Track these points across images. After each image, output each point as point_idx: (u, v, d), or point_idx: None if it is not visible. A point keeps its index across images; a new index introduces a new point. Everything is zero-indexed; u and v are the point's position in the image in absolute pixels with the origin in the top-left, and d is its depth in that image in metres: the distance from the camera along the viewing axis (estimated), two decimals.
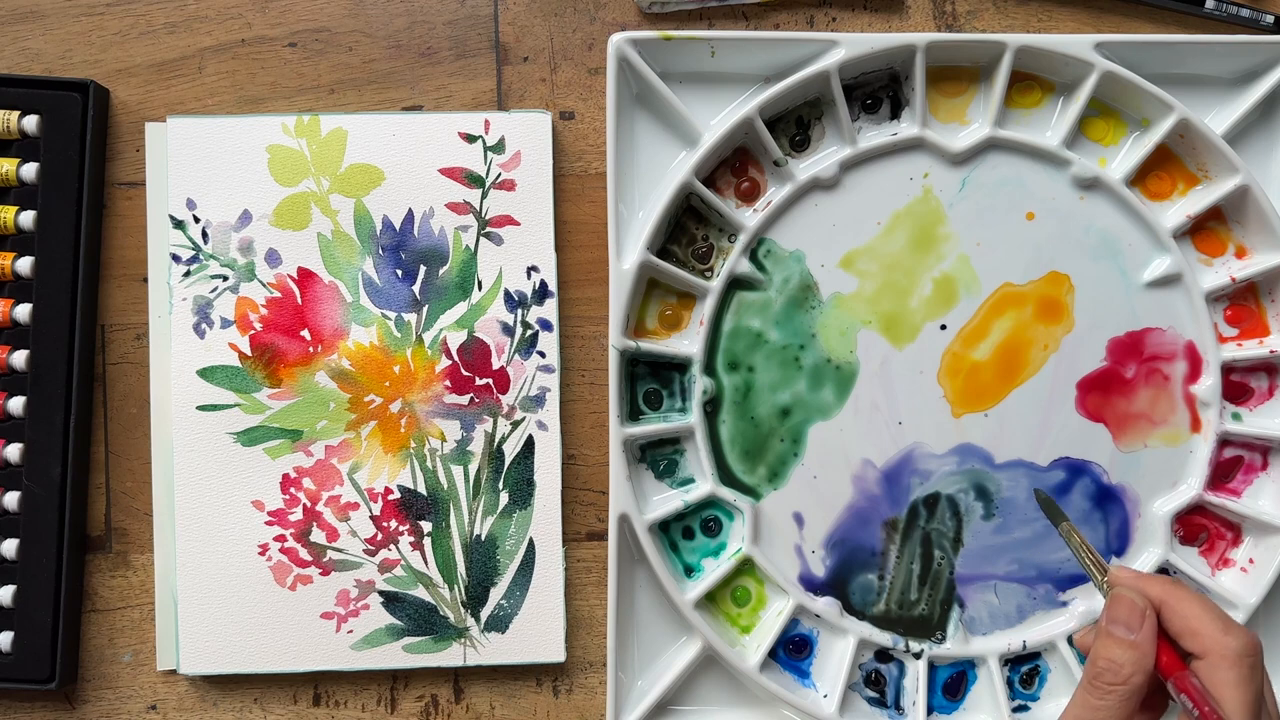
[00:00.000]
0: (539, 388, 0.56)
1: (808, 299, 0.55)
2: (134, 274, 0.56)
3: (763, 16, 0.57)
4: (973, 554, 0.56)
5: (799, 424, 0.55)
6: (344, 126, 0.55)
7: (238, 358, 0.55)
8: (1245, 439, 0.56)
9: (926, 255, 0.56)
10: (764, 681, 0.54)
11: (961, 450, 0.56)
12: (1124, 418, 0.56)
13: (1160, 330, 0.56)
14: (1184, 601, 0.42)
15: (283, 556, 0.55)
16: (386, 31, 0.57)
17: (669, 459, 0.56)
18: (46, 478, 0.54)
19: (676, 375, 0.55)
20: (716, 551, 0.55)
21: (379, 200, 0.55)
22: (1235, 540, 0.57)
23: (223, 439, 0.55)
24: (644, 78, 0.54)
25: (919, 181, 0.56)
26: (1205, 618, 0.41)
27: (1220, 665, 0.40)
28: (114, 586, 0.56)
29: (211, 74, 0.56)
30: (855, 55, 0.54)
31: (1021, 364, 0.56)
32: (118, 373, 0.56)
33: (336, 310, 0.55)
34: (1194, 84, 0.56)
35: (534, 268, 0.56)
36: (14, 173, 0.54)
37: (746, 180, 0.56)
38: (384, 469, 0.55)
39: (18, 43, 0.56)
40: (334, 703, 0.56)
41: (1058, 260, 0.56)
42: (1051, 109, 0.56)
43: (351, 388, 0.55)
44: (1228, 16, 0.57)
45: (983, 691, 0.56)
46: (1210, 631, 0.40)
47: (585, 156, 0.57)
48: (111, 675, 0.56)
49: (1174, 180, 0.57)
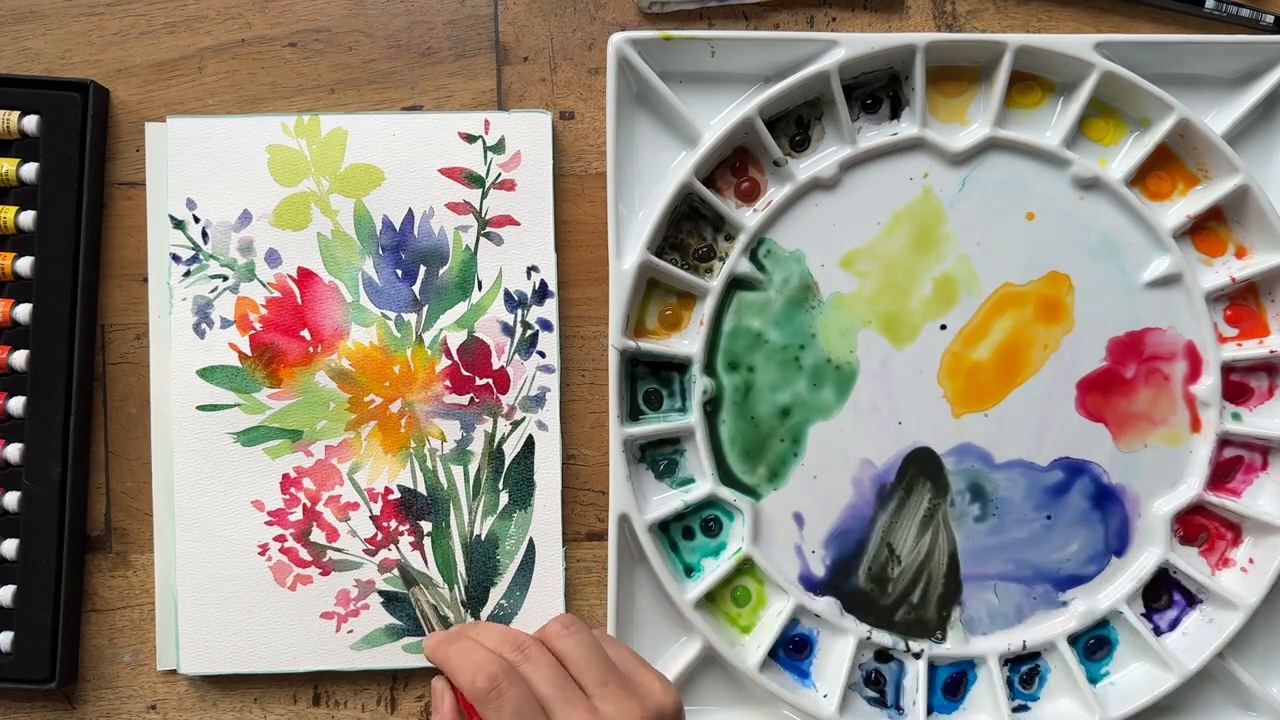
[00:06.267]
0: (539, 388, 0.56)
1: (808, 299, 0.55)
2: (134, 274, 0.56)
3: (763, 16, 0.57)
4: (971, 553, 0.56)
5: (799, 424, 0.55)
6: (344, 126, 0.55)
7: (238, 358, 0.55)
8: (1245, 439, 0.56)
9: (926, 255, 0.56)
10: (764, 681, 0.54)
11: (961, 450, 0.56)
12: (1124, 418, 0.56)
13: (1160, 330, 0.56)
14: (450, 660, 0.45)
15: (283, 556, 0.55)
16: (386, 31, 0.57)
17: (669, 459, 0.56)
18: (46, 478, 0.54)
19: (676, 375, 0.55)
20: (716, 551, 0.56)
21: (379, 200, 0.55)
22: (1235, 540, 0.57)
23: (223, 439, 0.55)
24: (644, 78, 0.54)
25: (919, 181, 0.56)
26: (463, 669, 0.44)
27: (480, 708, 0.43)
28: (114, 586, 0.56)
29: (211, 74, 0.56)
30: (855, 55, 0.54)
31: (1021, 364, 0.56)
32: (118, 373, 0.56)
33: (336, 310, 0.55)
34: (1194, 84, 0.56)
35: (534, 268, 0.56)
36: (14, 173, 0.54)
37: (746, 180, 0.56)
38: (384, 469, 0.55)
39: (18, 43, 0.56)
40: (334, 703, 0.56)
41: (1058, 260, 0.56)
42: (1051, 109, 0.56)
43: (351, 388, 0.55)
44: (1228, 16, 0.57)
45: (983, 691, 0.56)
46: (463, 682, 0.44)
47: (585, 156, 0.57)
48: (111, 675, 0.56)
49: (1174, 180, 0.57)
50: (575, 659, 0.45)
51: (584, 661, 0.45)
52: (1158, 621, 0.56)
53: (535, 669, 0.44)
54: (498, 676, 0.43)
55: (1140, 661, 0.56)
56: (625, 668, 0.46)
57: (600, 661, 0.45)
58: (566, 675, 0.44)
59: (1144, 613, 0.56)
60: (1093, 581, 0.56)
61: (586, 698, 0.44)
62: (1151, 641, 0.55)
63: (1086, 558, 0.56)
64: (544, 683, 0.44)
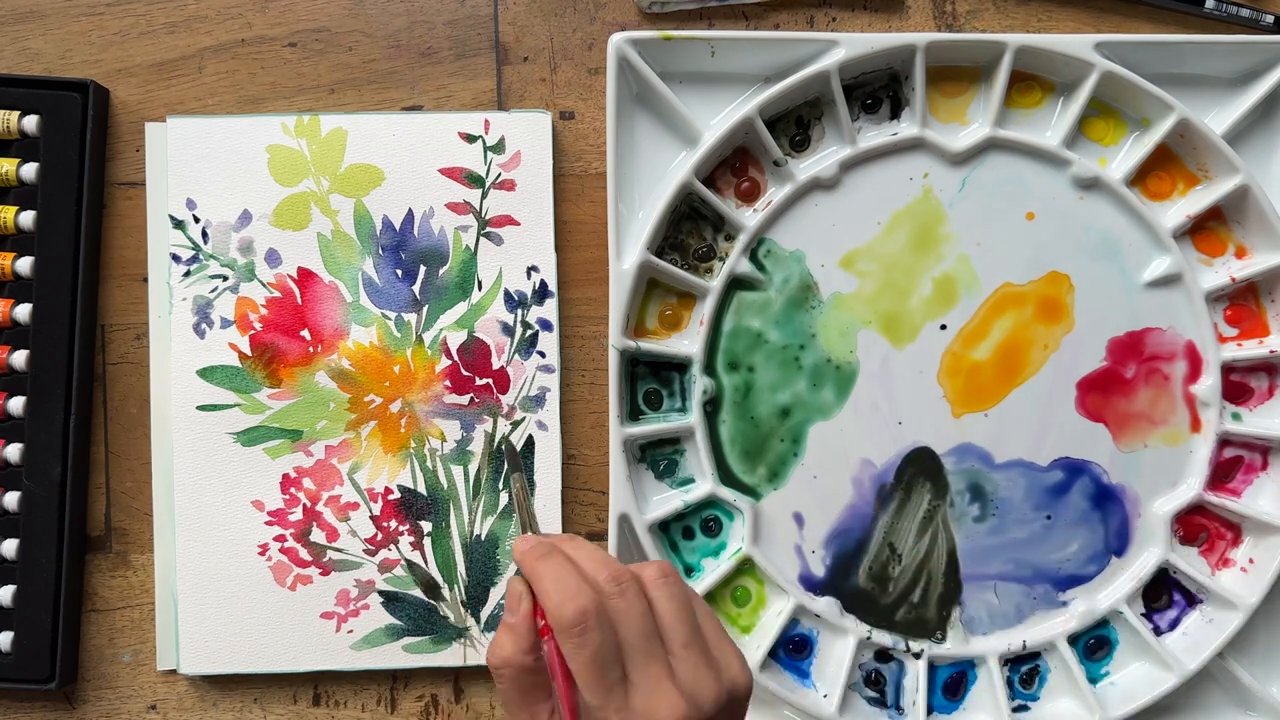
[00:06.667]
0: (539, 388, 0.56)
1: (808, 299, 0.55)
2: (134, 274, 0.56)
3: (763, 16, 0.57)
4: (971, 553, 0.56)
5: (799, 424, 0.55)
6: (344, 126, 0.55)
7: (238, 358, 0.55)
8: (1245, 439, 0.56)
9: (926, 255, 0.56)
10: (764, 681, 0.54)
11: (961, 450, 0.56)
12: (1124, 418, 0.56)
13: (1160, 330, 0.56)
14: (542, 579, 0.42)
15: (283, 556, 0.55)
16: (386, 31, 0.57)
17: (669, 459, 0.56)
18: (46, 478, 0.54)
19: (676, 375, 0.55)
20: (716, 551, 0.56)
21: (379, 200, 0.55)
22: (1235, 540, 0.57)
23: (223, 439, 0.55)
24: (644, 78, 0.54)
25: (919, 181, 0.56)
26: (552, 591, 0.42)
27: (559, 637, 0.41)
28: (114, 586, 0.56)
29: (211, 74, 0.56)
30: (855, 55, 0.54)
31: (1021, 364, 0.56)
32: (118, 373, 0.56)
33: (336, 310, 0.55)
34: (1194, 84, 0.56)
35: (534, 268, 0.56)
36: (14, 173, 0.54)
37: (746, 180, 0.56)
38: (384, 469, 0.55)
39: (18, 43, 0.56)
40: (334, 703, 0.56)
41: (1058, 260, 0.56)
42: (1051, 109, 0.56)
43: (351, 388, 0.55)
44: (1228, 16, 0.57)
45: (983, 691, 0.56)
46: (549, 606, 0.41)
47: (585, 156, 0.57)
48: (111, 675, 0.56)
49: (1174, 180, 0.57)
50: (667, 613, 0.42)
51: (674, 618, 0.42)
52: (1158, 621, 0.56)
53: (626, 612, 0.42)
54: (588, 613, 0.41)
55: (1140, 661, 0.56)
56: (710, 635, 0.43)
57: (689, 622, 0.42)
58: (654, 627, 0.42)
59: (1144, 613, 0.56)
60: (1093, 581, 0.56)
61: (666, 656, 0.42)
62: (1151, 641, 0.55)
63: (1086, 558, 0.56)
64: (631, 630, 0.41)
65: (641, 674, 0.41)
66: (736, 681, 0.42)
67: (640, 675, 0.41)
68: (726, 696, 0.42)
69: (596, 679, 0.40)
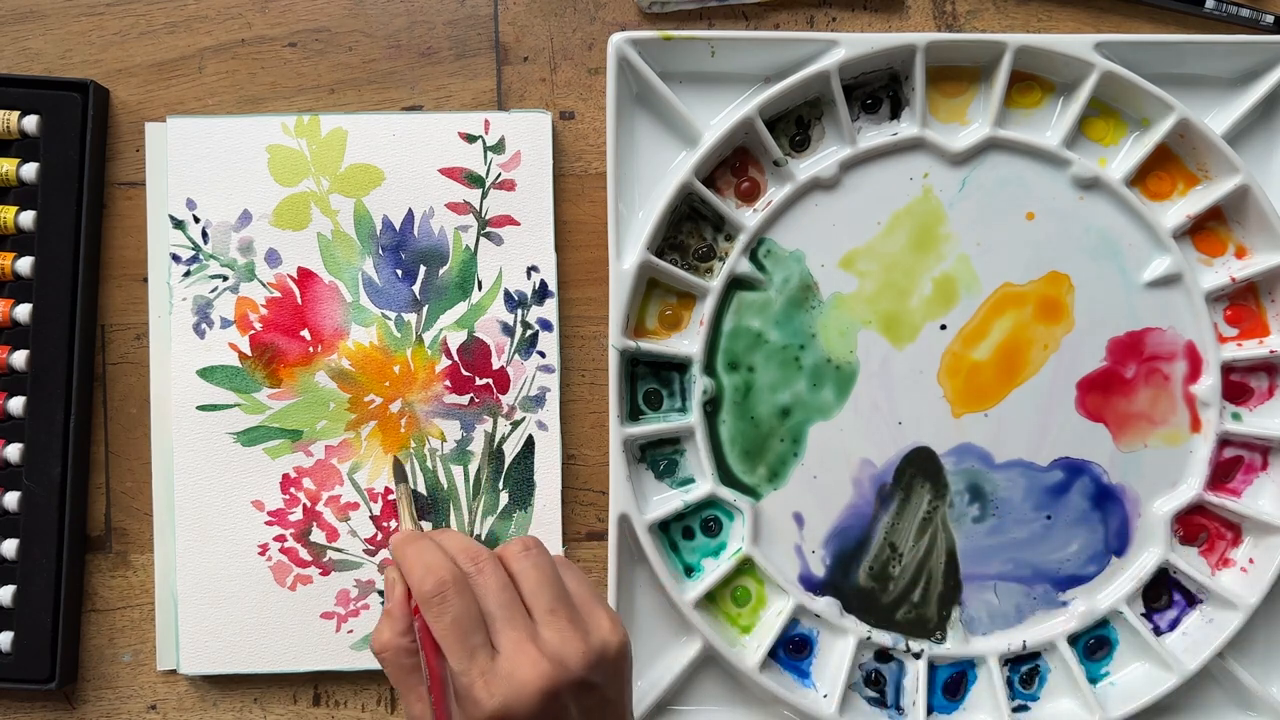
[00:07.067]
0: (539, 388, 0.56)
1: (808, 299, 0.55)
2: (134, 274, 0.56)
3: (763, 16, 0.57)
4: (971, 553, 0.56)
5: (799, 424, 0.55)
6: (344, 126, 0.55)
7: (238, 358, 0.55)
8: (1245, 439, 0.56)
9: (926, 255, 0.56)
10: (764, 681, 0.54)
11: (961, 450, 0.56)
12: (1124, 418, 0.56)
13: (1160, 330, 0.56)
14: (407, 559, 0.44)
15: (283, 556, 0.55)
16: (386, 31, 0.57)
17: (669, 459, 0.56)
18: (46, 478, 0.54)
19: (676, 375, 0.55)
20: (716, 551, 0.56)
21: (379, 200, 0.55)
22: (1235, 540, 0.57)
23: (223, 439, 0.55)
24: (644, 78, 0.54)
25: (919, 181, 0.56)
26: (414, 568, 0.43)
27: (422, 609, 0.43)
28: (114, 586, 0.56)
29: (211, 74, 0.56)
30: (855, 55, 0.54)
31: (1021, 364, 0.56)
32: (118, 373, 0.56)
33: (336, 310, 0.55)
34: (1194, 84, 0.56)
35: (534, 268, 0.56)
36: (14, 173, 0.54)
37: (746, 180, 0.56)
38: (384, 469, 0.55)
39: (18, 43, 0.56)
40: (334, 703, 0.56)
41: (1058, 260, 0.56)
42: (1051, 109, 0.56)
43: (351, 388, 0.55)
44: (1228, 16, 0.57)
45: (983, 691, 0.56)
46: (413, 583, 0.43)
47: (585, 156, 0.57)
48: (111, 675, 0.56)
49: (1174, 180, 0.57)
50: (528, 581, 0.44)
51: (536, 585, 0.44)
52: (1158, 621, 0.56)
53: (485, 584, 0.43)
54: (446, 583, 0.42)
55: (1140, 661, 0.56)
56: (579, 600, 0.44)
57: (553, 588, 0.44)
58: (516, 596, 0.43)
59: (1144, 613, 0.56)
60: (1093, 581, 0.56)
61: (531, 622, 0.43)
62: (1151, 641, 0.55)
63: (1086, 558, 0.56)
64: (491, 599, 0.43)
65: (504, 639, 0.42)
66: (607, 640, 0.43)
67: (503, 640, 0.42)
68: (596, 656, 0.43)
69: (459, 644, 0.42)
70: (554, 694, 0.41)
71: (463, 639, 0.42)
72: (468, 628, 0.42)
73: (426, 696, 0.44)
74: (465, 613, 0.42)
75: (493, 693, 0.41)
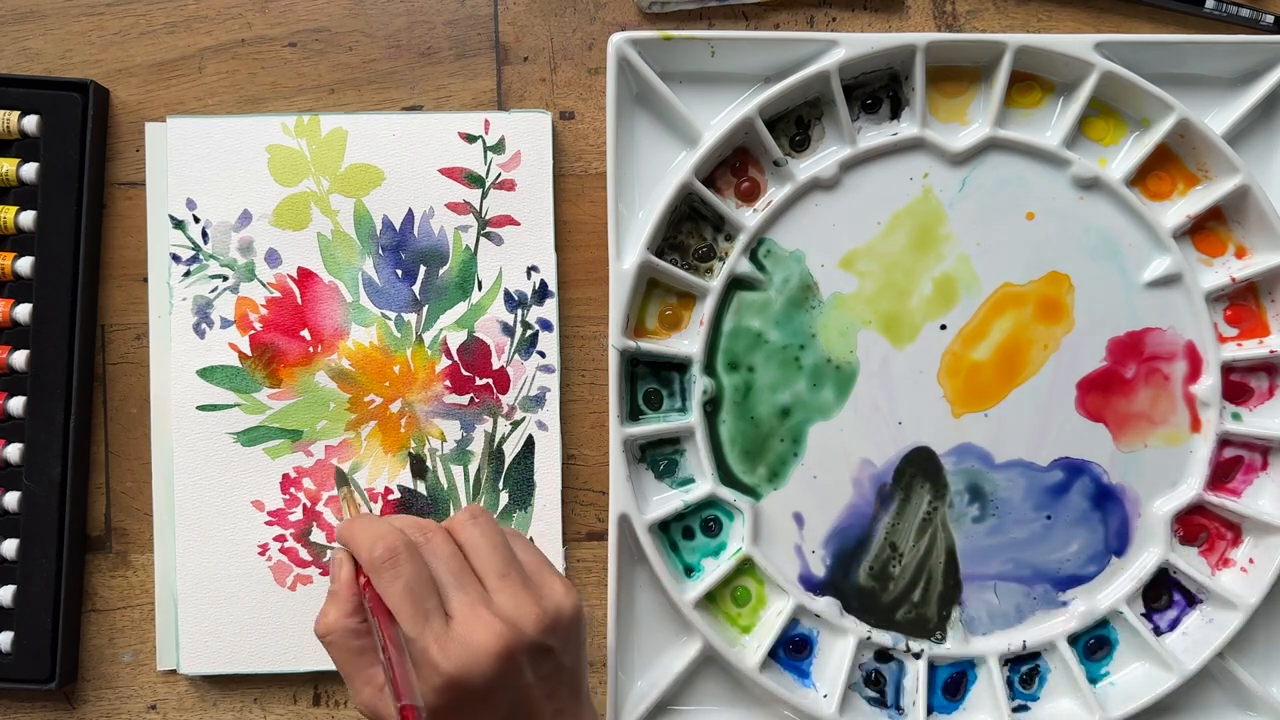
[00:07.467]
0: (539, 388, 0.56)
1: (808, 299, 0.55)
2: (134, 274, 0.56)
3: (763, 16, 0.57)
4: (971, 553, 0.56)
5: (799, 424, 0.55)
6: (344, 126, 0.55)
7: (238, 358, 0.55)
8: (1245, 439, 0.56)
9: (926, 255, 0.56)
10: (764, 681, 0.54)
11: (961, 450, 0.56)
12: (1124, 418, 0.56)
13: (1160, 330, 0.56)
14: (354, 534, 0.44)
15: (283, 556, 0.55)
16: (386, 31, 0.57)
17: (669, 459, 0.56)
18: (46, 478, 0.54)
19: (676, 375, 0.55)
20: (716, 551, 0.56)
21: (379, 200, 0.55)
22: (1235, 540, 0.57)
23: (223, 439, 0.55)
24: (644, 78, 0.54)
25: (919, 181, 0.56)
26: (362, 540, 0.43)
27: (373, 577, 0.43)
28: (114, 586, 0.56)
29: (211, 74, 0.56)
30: (855, 55, 0.54)
31: (1021, 364, 0.56)
32: (118, 373, 0.56)
33: (336, 310, 0.55)
34: (1194, 84, 0.56)
35: (534, 268, 0.56)
36: (14, 173, 0.54)
37: (746, 180, 0.56)
38: (384, 469, 0.55)
39: (18, 43, 0.56)
40: (334, 703, 0.56)
41: (1058, 260, 0.56)
42: (1051, 109, 0.56)
43: (351, 388, 0.55)
44: (1228, 16, 0.57)
45: (983, 691, 0.56)
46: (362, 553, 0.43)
47: (585, 156, 0.57)
48: (111, 675, 0.56)
49: (1174, 180, 0.57)
50: (479, 549, 0.44)
51: (487, 552, 0.44)
52: (1158, 621, 0.56)
53: (436, 551, 0.43)
54: (397, 549, 0.42)
55: (1140, 661, 0.56)
56: (530, 566, 0.44)
57: (503, 555, 0.44)
58: (466, 564, 0.43)
59: (1144, 613, 0.56)
60: (1093, 581, 0.56)
61: (483, 589, 0.43)
62: (1151, 641, 0.55)
63: (1086, 558, 0.56)
64: (441, 566, 0.43)
65: (457, 604, 0.42)
66: (561, 604, 0.44)
67: (456, 605, 0.42)
68: (550, 619, 0.43)
69: (412, 609, 0.41)
70: (509, 656, 0.41)
71: (416, 604, 0.41)
72: (420, 593, 0.42)
73: (376, 679, 0.43)
74: (417, 578, 0.42)
75: (448, 656, 0.41)
